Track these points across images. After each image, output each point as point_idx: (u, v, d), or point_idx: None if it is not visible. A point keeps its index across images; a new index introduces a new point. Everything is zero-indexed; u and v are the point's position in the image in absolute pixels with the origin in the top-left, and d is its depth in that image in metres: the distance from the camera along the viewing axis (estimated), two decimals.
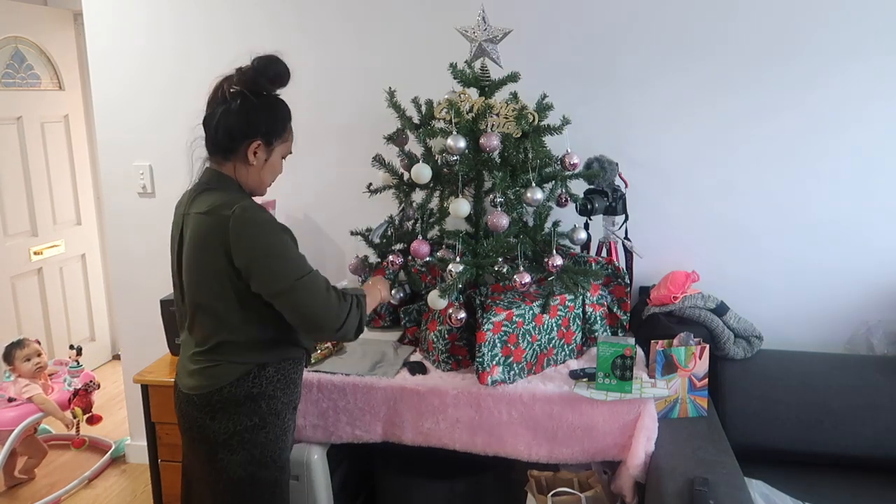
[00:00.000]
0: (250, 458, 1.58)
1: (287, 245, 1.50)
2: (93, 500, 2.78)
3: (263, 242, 1.47)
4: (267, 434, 1.59)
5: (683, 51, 2.23)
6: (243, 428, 1.56)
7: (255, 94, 1.53)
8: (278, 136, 1.58)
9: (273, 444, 1.61)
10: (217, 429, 1.55)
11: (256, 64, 1.52)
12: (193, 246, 1.53)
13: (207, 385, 1.54)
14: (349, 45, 2.43)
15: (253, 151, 1.54)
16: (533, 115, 1.86)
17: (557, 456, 1.89)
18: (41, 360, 2.85)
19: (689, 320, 2.17)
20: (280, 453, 1.63)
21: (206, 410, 1.55)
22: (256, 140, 1.53)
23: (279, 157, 1.62)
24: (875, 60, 2.14)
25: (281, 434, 1.62)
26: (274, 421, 1.60)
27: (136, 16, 2.54)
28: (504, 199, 1.90)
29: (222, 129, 1.53)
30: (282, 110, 1.59)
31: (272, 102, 1.57)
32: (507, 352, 1.89)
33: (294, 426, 1.70)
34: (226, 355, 1.55)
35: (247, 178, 1.58)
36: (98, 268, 4.01)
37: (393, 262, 2.02)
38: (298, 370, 1.69)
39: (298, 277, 1.48)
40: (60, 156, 3.68)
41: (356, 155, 2.32)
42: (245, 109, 1.52)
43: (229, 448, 1.57)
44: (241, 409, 1.55)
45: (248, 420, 1.56)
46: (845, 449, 2.07)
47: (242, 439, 1.56)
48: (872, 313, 2.27)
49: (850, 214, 2.25)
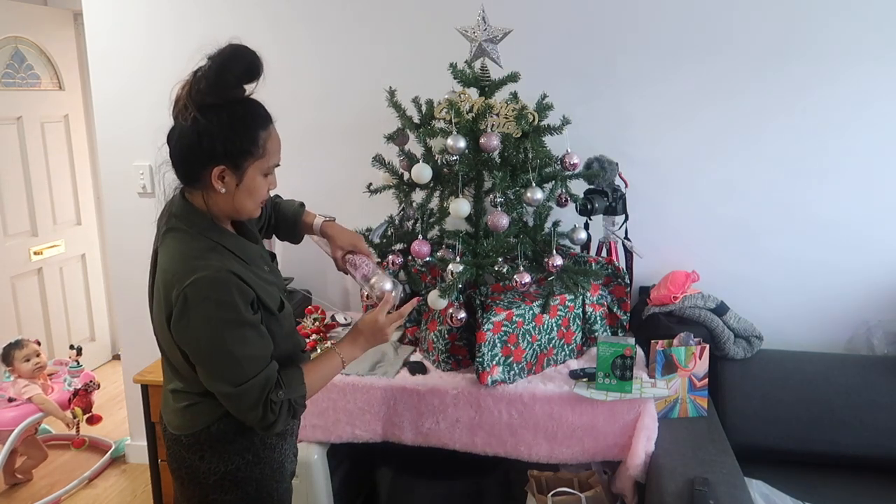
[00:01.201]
0: (244, 495, 1.42)
1: (236, 343, 1.25)
2: (93, 500, 2.78)
3: (207, 333, 1.24)
4: (262, 469, 1.43)
5: (684, 51, 2.23)
6: (235, 467, 1.39)
7: (211, 106, 1.24)
8: (247, 155, 1.27)
9: (269, 478, 1.44)
10: (207, 470, 1.39)
11: (218, 60, 1.23)
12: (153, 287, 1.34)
13: (194, 424, 1.37)
14: (349, 45, 2.43)
15: (218, 178, 1.27)
16: (533, 115, 1.86)
17: (557, 456, 1.89)
18: (40, 359, 2.85)
19: (689, 320, 2.17)
20: (277, 485, 1.47)
21: (194, 450, 1.39)
22: (218, 166, 1.26)
23: (257, 176, 1.31)
24: (876, 60, 2.13)
25: (278, 467, 1.46)
26: (269, 455, 1.43)
27: (136, 16, 2.54)
28: (504, 199, 1.90)
29: (177, 156, 1.29)
30: (245, 119, 1.27)
31: (232, 113, 1.26)
32: (507, 352, 1.89)
33: (294, 452, 1.55)
34: (202, 397, 1.36)
35: (220, 208, 1.32)
36: (98, 268, 4.01)
37: (393, 262, 2.02)
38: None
39: (236, 385, 1.26)
40: (60, 156, 3.68)
41: (356, 155, 2.31)
42: (196, 131, 1.24)
43: (221, 488, 1.40)
44: (231, 446, 1.38)
45: (241, 458, 1.40)
46: (845, 449, 2.07)
47: (235, 479, 1.40)
48: (872, 313, 2.27)
49: (850, 214, 2.24)
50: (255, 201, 1.34)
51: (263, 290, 1.34)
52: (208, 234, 1.32)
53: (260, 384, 1.28)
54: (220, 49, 1.24)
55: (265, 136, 1.30)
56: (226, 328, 1.24)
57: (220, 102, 1.25)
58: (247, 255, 1.36)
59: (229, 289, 1.24)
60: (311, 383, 1.39)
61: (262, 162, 1.31)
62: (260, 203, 1.36)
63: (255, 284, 1.31)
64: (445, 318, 1.90)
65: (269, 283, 1.38)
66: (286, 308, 1.43)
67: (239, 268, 1.30)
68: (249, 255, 1.37)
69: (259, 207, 1.37)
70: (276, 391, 1.30)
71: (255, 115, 1.29)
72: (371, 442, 1.99)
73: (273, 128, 1.33)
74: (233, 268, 1.27)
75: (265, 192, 1.35)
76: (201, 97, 1.24)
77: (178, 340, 1.28)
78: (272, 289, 1.38)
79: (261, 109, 1.31)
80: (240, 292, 1.26)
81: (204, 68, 1.24)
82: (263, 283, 1.35)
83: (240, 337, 1.26)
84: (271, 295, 1.37)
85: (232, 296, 1.24)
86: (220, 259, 1.28)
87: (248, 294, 1.28)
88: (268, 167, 1.33)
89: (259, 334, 1.30)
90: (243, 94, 1.30)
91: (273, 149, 1.32)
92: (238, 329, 1.25)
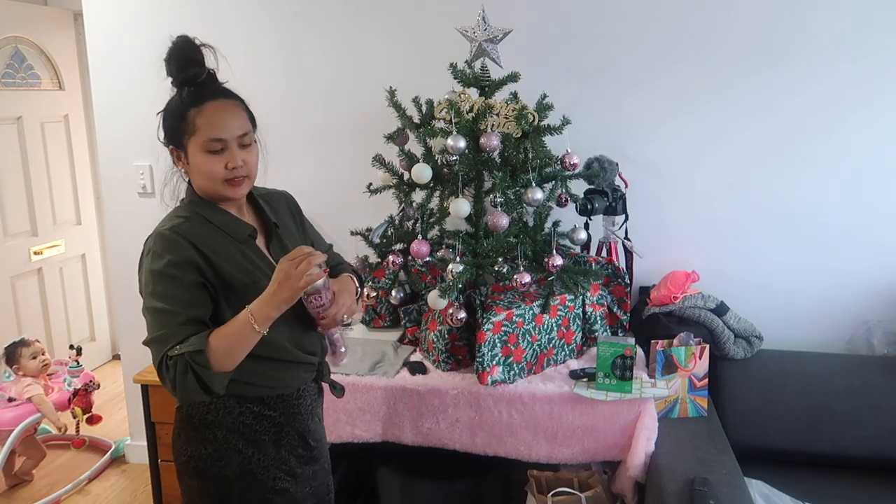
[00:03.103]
0: (204, 487, 1.40)
1: (157, 295, 1.28)
2: (93, 500, 2.78)
3: (144, 282, 1.32)
4: (223, 469, 1.39)
5: (684, 51, 2.23)
6: (197, 456, 1.40)
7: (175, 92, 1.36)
8: (181, 132, 1.34)
9: (230, 481, 1.39)
10: (179, 448, 1.43)
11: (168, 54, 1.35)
12: None
13: (178, 401, 1.40)
14: (349, 45, 2.43)
15: (174, 158, 1.40)
16: (533, 115, 1.86)
17: (557, 456, 1.89)
18: (46, 357, 2.87)
19: (689, 320, 2.17)
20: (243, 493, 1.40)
21: (175, 426, 1.44)
22: (169, 146, 1.39)
23: (199, 153, 1.33)
24: (875, 60, 2.13)
25: (244, 473, 1.40)
26: (231, 456, 1.39)
27: (136, 16, 2.54)
28: (504, 199, 1.90)
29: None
30: (175, 102, 1.35)
31: (173, 98, 1.37)
32: (507, 352, 1.89)
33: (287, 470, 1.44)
34: None
35: (194, 184, 1.41)
36: (98, 268, 4.01)
37: (393, 262, 2.02)
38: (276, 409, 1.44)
39: (150, 338, 1.30)
40: (60, 156, 3.68)
41: (356, 155, 2.31)
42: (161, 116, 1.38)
43: (187, 472, 1.42)
44: (196, 433, 1.39)
45: (203, 448, 1.39)
46: (845, 449, 2.07)
47: (196, 467, 1.40)
48: (872, 313, 2.27)
49: (850, 214, 2.24)
50: (211, 180, 1.35)
51: (233, 265, 1.34)
52: (193, 206, 1.39)
53: (155, 342, 1.28)
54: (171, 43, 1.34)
55: (194, 113, 1.32)
56: (152, 277, 1.29)
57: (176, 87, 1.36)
58: (230, 230, 1.38)
59: (168, 244, 1.29)
60: (215, 341, 1.27)
61: (197, 138, 1.32)
62: (220, 180, 1.34)
63: (212, 255, 1.32)
64: (445, 318, 1.90)
65: (248, 262, 1.37)
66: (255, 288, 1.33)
67: (203, 236, 1.33)
68: (234, 232, 1.39)
69: (225, 186, 1.36)
70: (174, 347, 1.26)
71: (188, 96, 1.33)
72: (371, 442, 1.99)
73: (211, 104, 1.33)
74: (188, 232, 1.32)
75: (219, 169, 1.33)
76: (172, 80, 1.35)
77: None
78: (249, 266, 1.37)
79: (197, 91, 1.34)
80: (176, 249, 1.29)
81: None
82: (237, 258, 1.36)
83: (160, 290, 1.28)
84: (243, 271, 1.35)
85: (167, 250, 1.29)
86: (183, 225, 1.33)
87: (185, 253, 1.29)
88: (206, 142, 1.32)
89: (177, 293, 1.27)
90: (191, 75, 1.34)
91: (208, 123, 1.31)
92: (162, 280, 1.28)
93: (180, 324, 1.27)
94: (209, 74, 1.37)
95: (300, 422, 1.48)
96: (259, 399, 1.41)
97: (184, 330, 1.27)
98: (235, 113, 1.36)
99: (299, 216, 1.63)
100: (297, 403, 1.47)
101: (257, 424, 1.41)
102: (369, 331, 2.31)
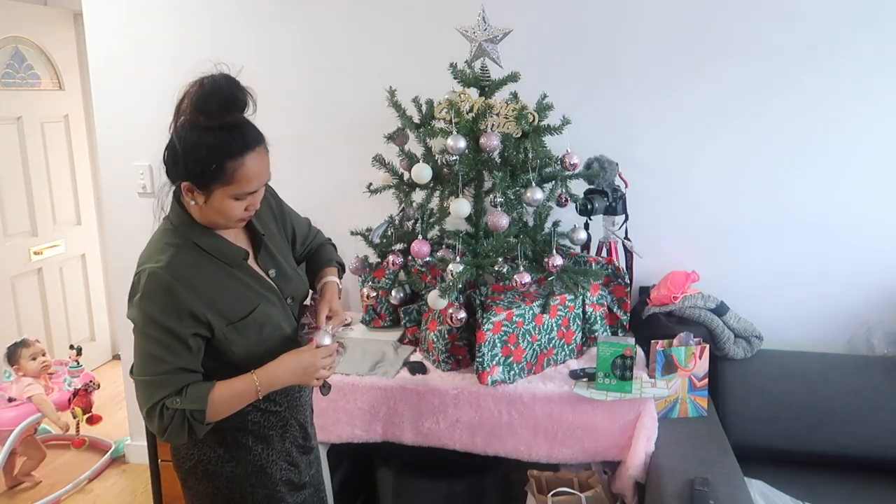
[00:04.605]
0: (215, 489, 1.42)
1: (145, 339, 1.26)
2: (93, 500, 2.78)
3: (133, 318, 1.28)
4: (234, 468, 1.41)
5: (684, 51, 2.23)
6: (206, 458, 1.40)
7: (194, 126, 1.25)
8: (211, 181, 1.26)
9: (243, 479, 1.42)
10: (184, 455, 1.42)
11: (203, 89, 1.25)
12: None
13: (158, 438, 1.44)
14: (350, 45, 2.43)
15: (186, 191, 1.29)
16: (533, 115, 1.86)
17: (557, 456, 1.89)
18: (46, 358, 2.87)
19: (689, 320, 2.17)
20: (254, 489, 1.43)
21: None
22: (186, 181, 1.28)
23: (227, 200, 1.29)
24: (876, 61, 2.14)
25: (255, 470, 1.42)
26: (243, 455, 1.41)
27: (136, 16, 2.54)
28: (504, 199, 1.90)
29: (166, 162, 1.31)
30: (212, 150, 1.24)
31: (203, 140, 1.24)
32: (507, 352, 1.89)
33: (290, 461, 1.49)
34: None
35: (198, 215, 1.33)
36: (98, 268, 4.01)
37: (393, 262, 2.02)
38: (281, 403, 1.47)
39: (137, 375, 1.28)
40: (60, 156, 3.68)
41: (356, 155, 2.31)
42: (172, 145, 1.27)
43: (195, 477, 1.43)
44: (205, 437, 1.36)
45: (212, 451, 1.40)
46: (845, 449, 2.07)
47: (206, 470, 1.41)
48: (872, 313, 2.27)
49: (850, 214, 2.24)
50: (227, 220, 1.33)
51: (231, 297, 1.33)
52: (184, 230, 1.32)
53: (157, 386, 1.26)
54: (212, 76, 1.26)
55: (235, 165, 1.25)
56: (144, 321, 1.26)
57: (198, 124, 1.25)
58: (225, 257, 1.35)
59: (162, 291, 1.25)
60: (216, 401, 1.29)
61: (232, 189, 1.28)
62: (236, 221, 1.34)
63: (208, 291, 1.30)
64: (445, 318, 1.90)
65: (245, 287, 1.36)
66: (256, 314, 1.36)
67: (200, 268, 1.31)
68: (228, 258, 1.36)
69: (236, 223, 1.36)
70: (174, 398, 1.26)
71: (228, 144, 1.25)
72: (371, 442, 1.99)
73: (250, 156, 1.27)
74: (185, 267, 1.28)
75: (239, 213, 1.32)
76: (184, 117, 1.26)
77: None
78: (247, 293, 1.36)
79: (239, 140, 1.26)
80: (172, 298, 1.25)
81: (193, 90, 1.26)
82: (233, 287, 1.34)
83: (153, 335, 1.26)
84: (240, 299, 1.34)
85: (163, 296, 1.25)
86: (176, 257, 1.28)
87: (182, 303, 1.26)
88: (240, 193, 1.29)
89: (171, 343, 1.26)
90: (230, 119, 1.26)
91: (246, 176, 1.27)
92: (154, 328, 1.25)
93: (173, 371, 1.27)
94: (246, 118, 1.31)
95: (301, 413, 1.52)
96: (266, 396, 1.40)
97: (177, 379, 1.27)
98: (266, 160, 1.32)
99: (278, 207, 1.57)
100: (298, 396, 1.51)
101: (265, 420, 1.44)
102: (369, 331, 2.31)
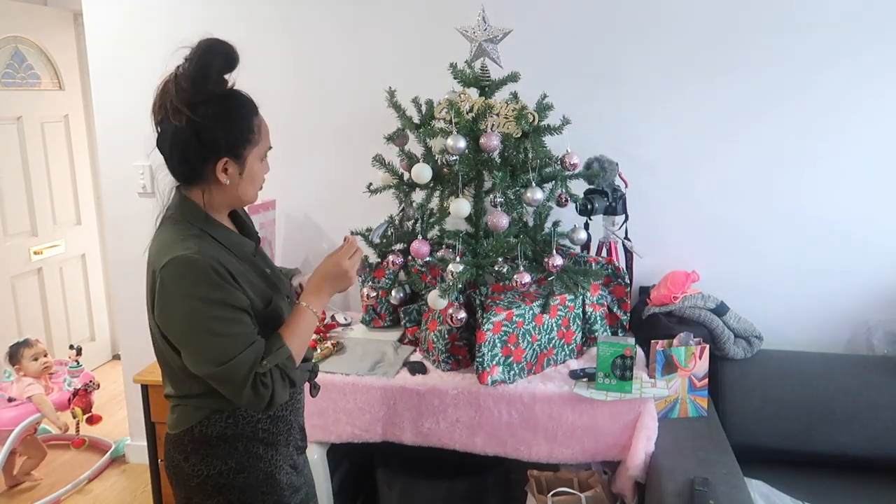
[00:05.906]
0: (226, 502, 1.38)
1: (213, 320, 1.23)
2: (93, 500, 2.78)
3: (185, 311, 1.23)
4: (246, 479, 1.38)
5: (684, 51, 2.23)
6: (217, 472, 1.36)
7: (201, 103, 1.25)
8: (246, 143, 1.30)
9: (254, 488, 1.39)
10: (190, 471, 1.37)
11: (197, 58, 1.25)
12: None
13: (178, 424, 1.37)
14: (350, 45, 2.43)
15: (222, 171, 1.29)
16: (533, 115, 1.86)
17: (557, 456, 1.89)
18: (48, 359, 2.88)
19: (689, 320, 2.17)
20: (265, 497, 1.41)
21: (179, 450, 1.38)
22: (221, 158, 1.29)
23: (257, 162, 1.35)
24: (876, 60, 2.14)
25: (266, 478, 1.40)
26: (255, 464, 1.39)
27: (136, 16, 2.54)
28: (504, 199, 1.90)
29: (177, 156, 1.29)
30: (239, 109, 1.30)
31: (224, 106, 1.28)
32: (507, 352, 1.89)
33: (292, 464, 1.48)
34: (185, 399, 1.37)
35: (221, 200, 1.35)
36: (98, 268, 4.01)
37: (393, 262, 2.02)
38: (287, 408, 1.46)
39: (220, 363, 1.23)
40: (60, 156, 3.68)
41: (356, 155, 2.31)
42: (194, 130, 1.26)
43: (203, 492, 1.38)
44: (214, 450, 1.35)
45: (223, 464, 1.36)
46: (845, 449, 2.07)
47: (217, 484, 1.37)
48: (872, 313, 2.27)
49: (850, 214, 2.24)
50: (256, 187, 1.39)
51: (248, 285, 1.33)
52: (198, 223, 1.32)
53: (248, 361, 1.25)
54: (194, 47, 1.27)
55: (258, 121, 1.34)
56: (203, 305, 1.23)
57: (207, 98, 1.27)
58: (238, 249, 1.36)
59: (206, 269, 1.23)
60: (291, 343, 1.33)
61: (260, 147, 1.35)
62: (259, 188, 1.41)
63: (238, 274, 1.29)
64: (445, 318, 1.90)
65: (259, 279, 1.37)
66: (273, 307, 1.38)
67: (224, 256, 1.29)
68: (241, 251, 1.37)
69: (259, 191, 1.42)
70: (259, 363, 1.27)
71: (245, 103, 1.32)
72: (371, 442, 1.99)
73: (260, 113, 1.36)
74: (214, 253, 1.27)
75: (263, 176, 1.40)
76: (187, 96, 1.25)
77: (160, 323, 1.28)
78: (262, 285, 1.37)
79: (247, 97, 1.34)
80: (219, 274, 1.24)
81: (184, 68, 1.27)
82: (250, 278, 1.34)
83: (218, 314, 1.24)
84: (259, 292, 1.35)
85: (209, 275, 1.23)
86: (201, 244, 1.27)
87: (228, 280, 1.26)
88: (265, 149, 1.37)
89: (236, 315, 1.26)
90: (226, 87, 1.31)
91: (266, 128, 1.37)
92: (215, 307, 1.24)
93: (253, 343, 1.28)
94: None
95: (299, 415, 1.52)
96: None
97: (258, 345, 1.28)
98: None
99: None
100: (298, 398, 1.51)
101: (274, 427, 1.42)
102: (369, 331, 2.31)
